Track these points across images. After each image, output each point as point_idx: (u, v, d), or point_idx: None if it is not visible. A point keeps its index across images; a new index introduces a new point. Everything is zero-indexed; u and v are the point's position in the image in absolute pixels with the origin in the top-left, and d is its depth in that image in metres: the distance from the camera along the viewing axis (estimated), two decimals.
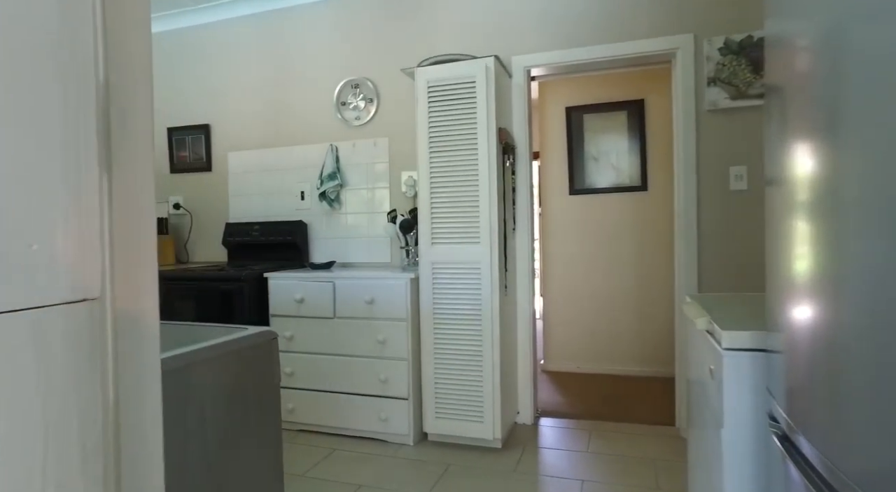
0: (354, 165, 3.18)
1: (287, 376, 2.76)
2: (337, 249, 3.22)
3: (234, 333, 1.20)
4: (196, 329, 1.25)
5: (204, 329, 1.25)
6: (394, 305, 2.58)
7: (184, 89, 3.60)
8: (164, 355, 0.99)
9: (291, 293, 2.75)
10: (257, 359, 1.22)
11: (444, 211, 2.53)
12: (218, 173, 3.53)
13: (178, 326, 1.29)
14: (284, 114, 3.36)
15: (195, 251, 3.60)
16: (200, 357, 1.05)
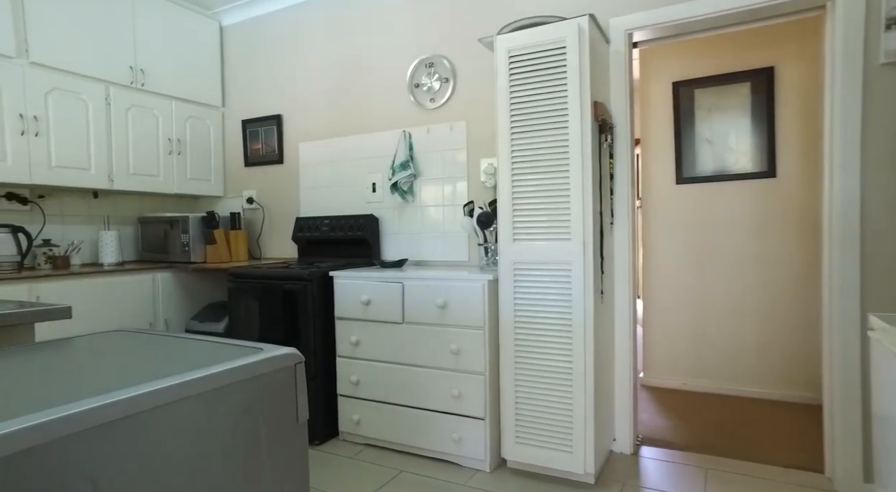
0: (429, 152, 2.88)
1: (353, 384, 2.53)
2: (410, 245, 2.95)
3: (246, 355, 0.92)
4: (204, 347, 1.00)
5: (213, 347, 1.00)
6: (468, 310, 2.25)
7: (257, 80, 3.50)
8: (132, 393, 0.72)
9: (357, 294, 2.51)
10: (274, 391, 0.94)
11: (527, 202, 2.15)
12: (289, 165, 3.38)
13: (185, 341, 1.05)
14: (355, 100, 3.13)
15: (268, 247, 3.49)
16: (191, 391, 0.78)
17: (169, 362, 0.89)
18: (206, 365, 0.85)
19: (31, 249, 2.74)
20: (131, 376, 0.80)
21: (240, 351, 0.97)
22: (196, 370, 0.82)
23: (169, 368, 0.85)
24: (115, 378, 0.79)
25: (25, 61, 2.62)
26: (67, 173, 2.77)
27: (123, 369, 0.86)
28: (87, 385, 0.75)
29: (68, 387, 0.75)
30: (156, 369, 0.84)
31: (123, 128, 3.02)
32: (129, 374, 0.81)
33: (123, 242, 3.32)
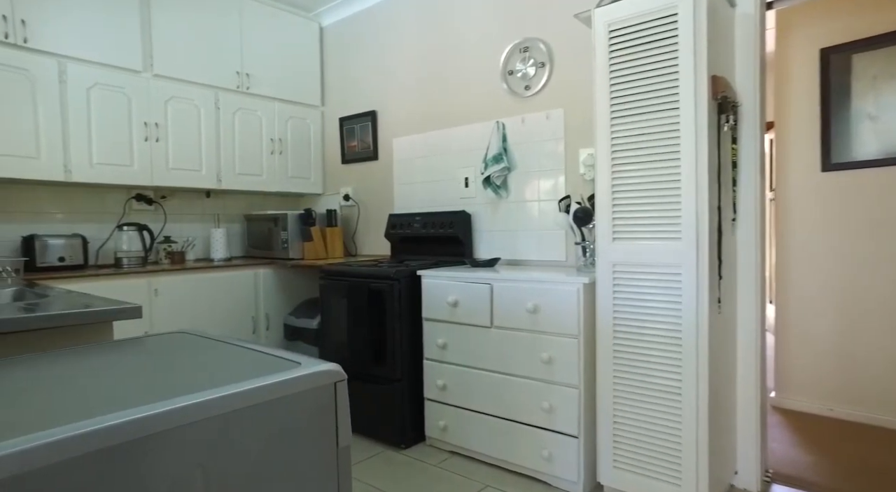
0: (523, 143, 2.68)
1: (439, 389, 2.43)
2: (503, 243, 2.78)
3: (279, 371, 0.83)
4: (243, 357, 0.92)
5: (252, 358, 0.92)
6: (562, 315, 2.04)
7: (353, 77, 3.52)
8: (147, 413, 0.65)
9: (444, 295, 2.39)
10: (311, 413, 0.83)
11: (629, 196, 1.89)
12: (383, 161, 3.36)
13: (230, 348, 0.99)
14: (447, 91, 3.02)
15: (363, 244, 3.51)
16: (207, 413, 0.70)
17: (194, 375, 0.82)
18: (226, 382, 0.77)
19: (153, 245, 2.98)
20: (156, 389, 0.74)
21: (275, 364, 0.88)
22: (209, 390, 0.73)
23: (189, 382, 0.77)
24: (134, 391, 0.73)
25: (150, 74, 2.84)
26: (182, 175, 2.97)
27: (151, 379, 0.80)
28: (96, 398, 0.70)
29: (74, 396, 0.70)
30: (177, 383, 0.77)
31: (230, 130, 3.18)
32: (155, 386, 0.75)
33: (232, 239, 3.52)
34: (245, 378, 0.80)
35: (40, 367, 0.88)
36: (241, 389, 0.75)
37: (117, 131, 2.71)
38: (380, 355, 2.53)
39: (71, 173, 2.56)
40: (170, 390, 0.74)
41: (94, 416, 0.64)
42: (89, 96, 2.62)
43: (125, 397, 0.71)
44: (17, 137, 2.41)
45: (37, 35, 2.46)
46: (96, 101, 2.64)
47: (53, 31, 2.51)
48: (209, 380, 0.79)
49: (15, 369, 0.87)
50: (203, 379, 0.80)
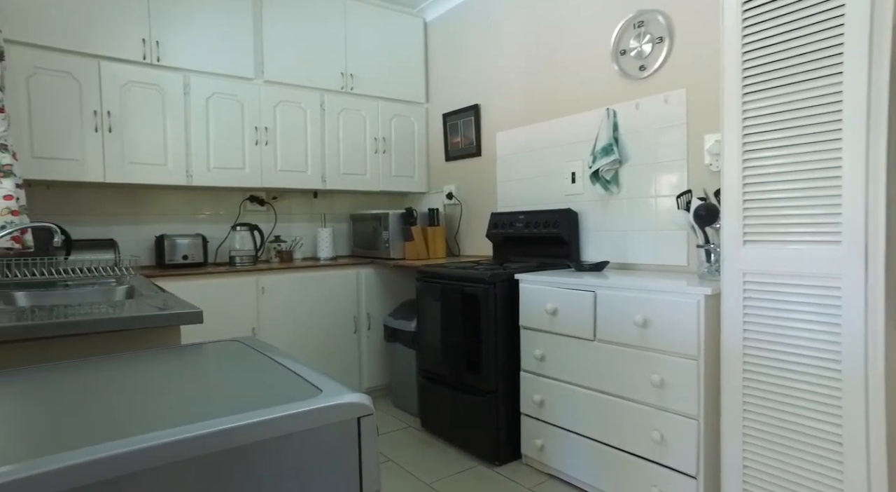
0: (637, 132, 2.36)
1: (536, 404, 2.21)
2: (614, 245, 2.48)
3: (295, 400, 0.71)
4: (270, 371, 0.82)
5: (278, 374, 0.81)
6: (677, 332, 1.72)
7: (456, 71, 3.40)
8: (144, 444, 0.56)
9: (543, 302, 2.17)
10: (328, 452, 0.70)
11: (765, 188, 1.53)
12: (486, 157, 3.20)
13: (256, 359, 0.89)
14: (551, 79, 2.77)
15: (466, 243, 3.39)
16: (175, 456, 0.60)
17: (199, 400, 0.72)
18: (222, 412, 0.66)
19: (263, 244, 3.13)
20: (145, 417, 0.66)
21: (297, 389, 0.76)
22: (202, 423, 0.63)
23: (186, 409, 0.68)
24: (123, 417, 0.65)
25: (261, 81, 2.97)
26: (289, 176, 3.07)
27: (149, 402, 0.72)
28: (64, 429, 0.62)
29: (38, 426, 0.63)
30: (175, 409, 0.68)
31: (335, 131, 3.23)
32: (146, 413, 0.67)
33: (338, 238, 3.59)
34: (252, 407, 0.69)
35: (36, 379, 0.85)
36: (230, 425, 0.64)
37: (231, 137, 2.87)
38: (474, 364, 2.38)
39: (192, 178, 2.75)
40: (162, 419, 0.65)
41: (47, 453, 0.55)
42: (208, 105, 2.79)
43: (110, 427, 0.63)
44: (149, 147, 2.63)
45: (167, 53, 2.67)
46: (214, 109, 2.81)
47: (180, 48, 2.70)
48: (205, 408, 0.69)
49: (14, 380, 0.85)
50: (202, 406, 0.70)
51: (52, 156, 2.41)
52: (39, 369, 0.91)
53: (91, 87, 2.49)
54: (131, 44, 2.58)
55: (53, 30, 2.40)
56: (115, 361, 0.95)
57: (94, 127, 2.49)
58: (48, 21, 2.39)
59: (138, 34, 2.59)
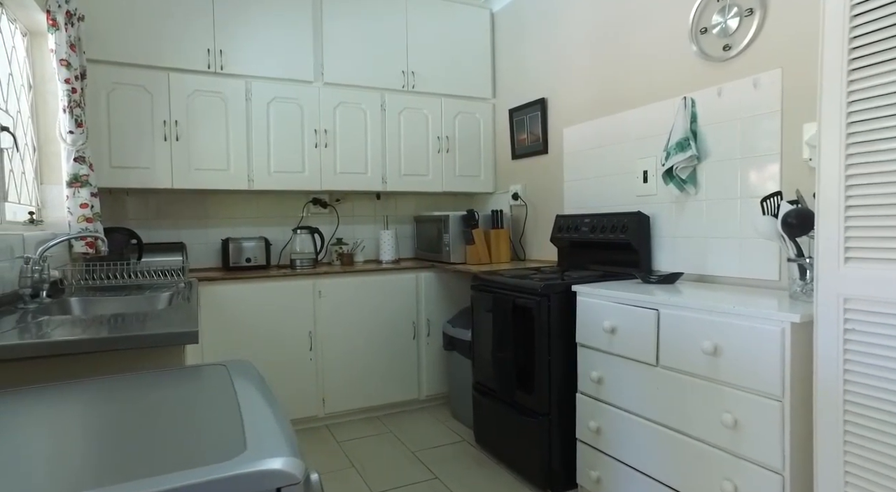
0: (720, 123, 2.03)
1: (593, 432, 1.98)
2: (690, 253, 2.16)
3: (201, 467, 0.60)
4: (222, 409, 0.72)
5: (225, 415, 0.71)
6: (756, 364, 1.43)
7: (523, 63, 3.19)
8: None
9: (600, 318, 1.94)
10: None
11: (876, 192, 1.20)
12: (553, 155, 2.97)
13: (223, 392, 0.79)
14: (621, 66, 2.49)
15: (532, 247, 3.17)
16: None
17: (102, 452, 0.64)
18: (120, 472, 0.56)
19: (323, 247, 3.14)
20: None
21: (218, 444, 0.66)
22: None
23: (82, 465, 0.59)
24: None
25: (321, 83, 2.97)
26: (349, 178, 3.05)
27: (66, 449, 0.65)
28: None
29: None
30: (73, 463, 0.60)
31: (396, 131, 3.16)
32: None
33: (401, 241, 3.53)
34: (152, 467, 0.59)
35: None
36: None
37: (291, 140, 2.89)
38: (526, 382, 2.19)
39: (253, 182, 2.81)
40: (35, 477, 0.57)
41: None
42: (269, 110, 2.83)
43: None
44: (213, 153, 2.72)
45: (230, 61, 2.74)
46: (274, 113, 2.85)
47: (242, 55, 2.76)
48: (94, 468, 0.60)
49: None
50: (94, 462, 0.61)
51: (127, 165, 2.56)
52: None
53: (161, 98, 2.61)
54: (197, 55, 2.67)
55: (130, 47, 2.54)
56: (53, 391, 0.91)
57: (163, 136, 2.62)
58: (125, 40, 2.53)
59: (203, 45, 2.68)
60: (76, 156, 2.25)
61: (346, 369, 2.87)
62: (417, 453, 2.52)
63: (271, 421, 0.78)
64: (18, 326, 1.24)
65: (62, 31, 2.17)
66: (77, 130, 2.23)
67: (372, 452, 2.54)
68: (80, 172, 2.26)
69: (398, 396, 3.02)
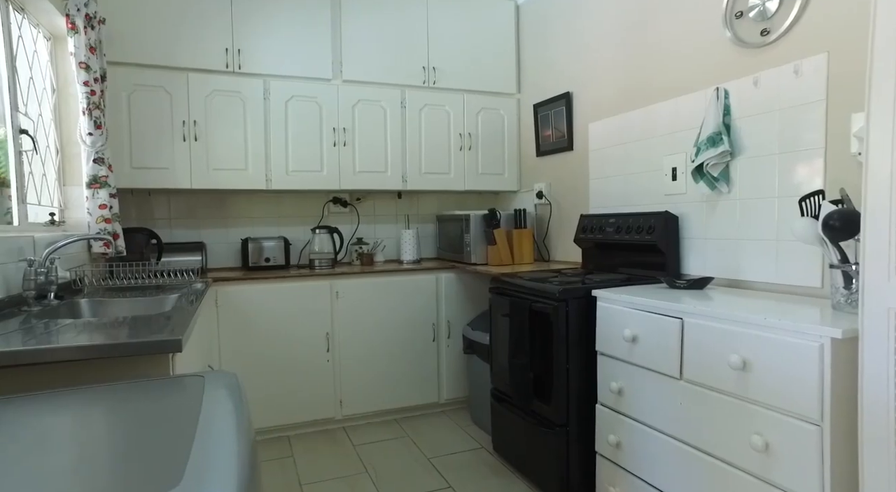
0: (756, 115, 1.87)
1: (612, 447, 1.86)
2: (722, 256, 2.00)
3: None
4: (130, 448, 0.66)
5: (144, 446, 0.65)
6: (789, 383, 1.29)
7: (548, 56, 3.06)
8: None
9: (620, 326, 1.81)
10: None
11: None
12: (578, 152, 2.83)
13: (182, 413, 0.74)
14: (650, 57, 2.33)
15: (556, 248, 3.05)
16: None
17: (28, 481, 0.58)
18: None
19: (342, 247, 3.10)
20: None
21: (150, 473, 0.60)
22: None
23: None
24: None
25: (339, 81, 2.92)
26: (368, 177, 2.99)
27: None
28: None
29: None
30: None
31: (416, 128, 3.08)
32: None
33: (424, 240, 3.46)
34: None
35: None
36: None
37: (309, 139, 2.86)
38: (543, 391, 2.08)
39: (271, 182, 2.79)
40: None
41: None
42: (287, 109, 2.81)
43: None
44: (231, 153, 2.72)
45: (248, 61, 2.73)
46: (292, 112, 2.82)
47: (260, 54, 2.75)
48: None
49: None
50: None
51: (147, 165, 2.58)
52: None
53: (180, 98, 2.62)
54: (215, 54, 2.66)
55: (150, 49, 2.56)
56: (9, 405, 0.87)
57: (182, 136, 2.62)
58: (145, 41, 2.55)
59: (222, 44, 2.67)
60: (95, 157, 2.27)
61: (364, 371, 2.83)
62: (433, 460, 2.45)
63: (226, 448, 0.71)
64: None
65: (81, 35, 2.19)
66: (96, 131, 2.26)
67: (387, 456, 2.48)
68: (98, 174, 2.29)
69: (417, 399, 2.95)
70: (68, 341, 1.08)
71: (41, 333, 1.18)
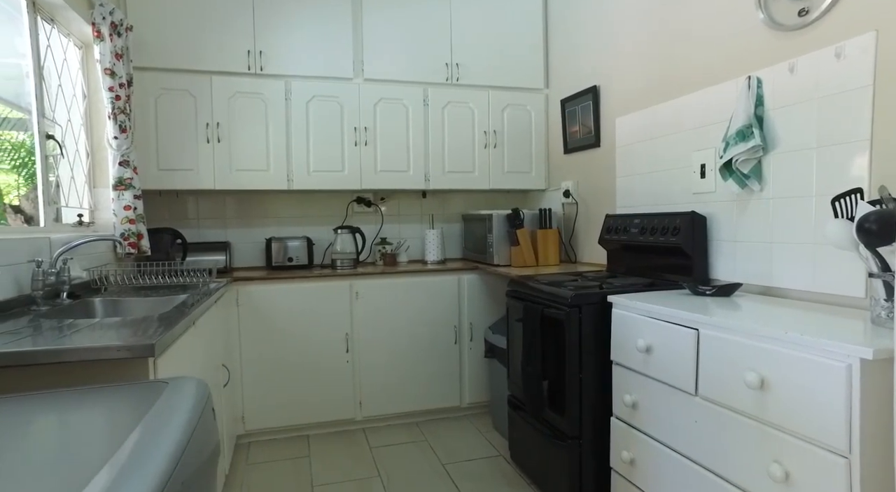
0: (791, 105, 1.69)
1: (627, 464, 1.74)
2: (753, 261, 1.83)
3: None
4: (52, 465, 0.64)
5: (66, 462, 0.63)
6: (811, 407, 1.14)
7: (575, 49, 2.92)
8: None
9: (634, 335, 1.69)
10: None
11: None
12: (605, 148, 2.69)
13: (146, 424, 0.71)
14: (678, 45, 2.17)
15: (584, 250, 2.91)
16: None
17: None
18: None
19: (364, 247, 3.08)
20: None
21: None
22: None
23: None
24: None
25: (360, 80, 2.90)
26: (390, 177, 2.96)
27: None
28: None
29: None
30: None
31: (439, 127, 3.02)
32: None
33: (450, 240, 3.39)
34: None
35: None
36: None
37: (330, 139, 2.85)
38: (556, 401, 1.98)
39: (293, 182, 2.81)
40: None
41: None
42: (308, 109, 2.81)
43: None
44: (253, 154, 2.75)
45: (270, 62, 2.75)
46: (313, 112, 2.82)
47: (282, 55, 2.76)
48: None
49: None
50: None
51: (173, 167, 2.65)
52: None
53: (204, 100, 2.67)
54: (238, 56, 2.70)
55: (175, 53, 2.62)
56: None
57: (206, 138, 2.68)
58: (171, 46, 2.62)
59: (244, 47, 2.71)
60: (121, 160, 2.35)
61: (384, 372, 2.80)
62: (447, 466, 2.39)
63: (144, 468, 0.68)
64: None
65: (107, 42, 2.27)
66: (121, 135, 2.33)
67: (401, 461, 2.44)
68: (124, 176, 2.36)
69: (438, 402, 2.90)
70: (28, 345, 1.10)
71: (23, 335, 1.21)
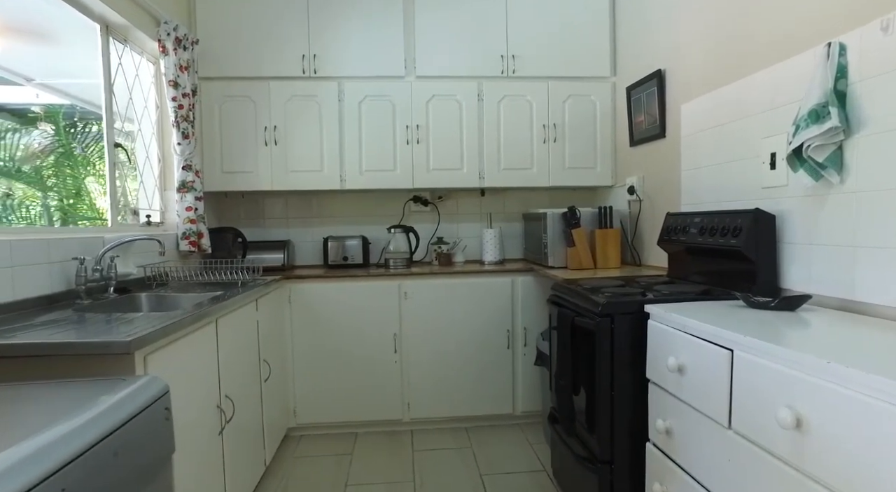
0: (884, 74, 1.36)
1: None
2: (830, 268, 1.51)
3: None
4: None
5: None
6: (857, 460, 0.90)
7: (642, 31, 2.64)
8: None
9: (665, 352, 1.47)
10: None
11: None
12: (671, 139, 2.40)
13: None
14: (746, 13, 1.86)
15: (648, 251, 2.63)
16: None
17: None
18: None
19: (418, 246, 3.05)
20: None
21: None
22: None
23: None
24: None
25: (412, 77, 2.88)
26: (443, 175, 2.90)
27: None
28: None
29: None
30: None
31: (494, 122, 2.90)
32: None
33: (509, 240, 3.25)
34: None
35: None
36: None
37: (382, 138, 2.85)
38: (587, 419, 1.79)
39: (345, 182, 2.85)
40: None
41: None
42: (360, 109, 2.84)
43: None
44: (308, 154, 2.83)
45: (324, 65, 2.82)
46: (366, 112, 2.84)
47: (334, 57, 2.82)
48: None
49: None
50: None
51: (235, 170, 2.80)
52: None
53: (263, 105, 2.80)
54: (293, 61, 2.79)
55: (237, 63, 2.78)
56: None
57: (263, 141, 2.80)
58: (234, 56, 2.77)
59: (299, 51, 2.79)
60: (184, 165, 2.53)
61: (433, 374, 2.75)
62: (486, 477, 2.28)
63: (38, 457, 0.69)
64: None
65: (171, 56, 2.45)
66: (184, 141, 2.51)
67: (440, 467, 2.38)
68: (186, 179, 2.54)
69: (488, 409, 2.79)
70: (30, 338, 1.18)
71: (38, 327, 1.32)
